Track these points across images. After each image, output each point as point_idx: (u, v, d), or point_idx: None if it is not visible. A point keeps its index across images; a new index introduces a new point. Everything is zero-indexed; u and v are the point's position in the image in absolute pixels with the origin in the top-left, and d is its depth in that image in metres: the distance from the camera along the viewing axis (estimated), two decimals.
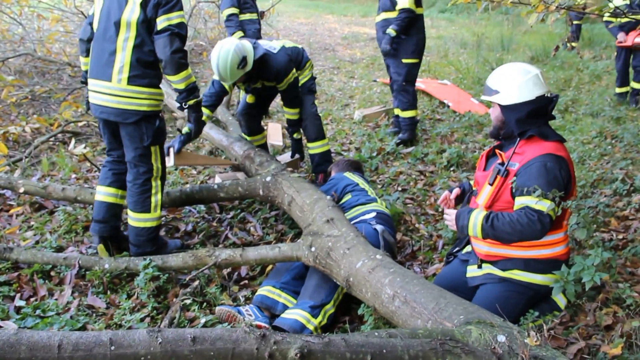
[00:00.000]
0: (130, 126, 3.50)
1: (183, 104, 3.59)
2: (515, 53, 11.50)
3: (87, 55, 3.66)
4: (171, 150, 4.05)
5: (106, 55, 3.44)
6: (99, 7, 3.52)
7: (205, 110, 4.19)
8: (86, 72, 3.70)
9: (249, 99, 4.75)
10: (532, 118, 2.80)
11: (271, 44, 4.55)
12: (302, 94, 4.75)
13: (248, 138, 4.90)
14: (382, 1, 5.87)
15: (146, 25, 3.37)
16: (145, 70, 3.44)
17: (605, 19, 6.73)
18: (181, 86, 3.50)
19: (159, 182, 3.69)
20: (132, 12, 3.35)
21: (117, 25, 3.38)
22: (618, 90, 7.45)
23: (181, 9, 3.43)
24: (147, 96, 3.48)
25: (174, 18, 3.36)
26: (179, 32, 3.38)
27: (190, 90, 3.55)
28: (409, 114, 6.02)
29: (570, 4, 3.08)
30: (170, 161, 4.10)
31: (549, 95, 2.79)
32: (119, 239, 3.80)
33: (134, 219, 3.64)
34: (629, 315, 2.78)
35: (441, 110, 7.48)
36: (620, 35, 7.08)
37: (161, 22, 3.33)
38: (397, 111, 6.18)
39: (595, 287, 2.86)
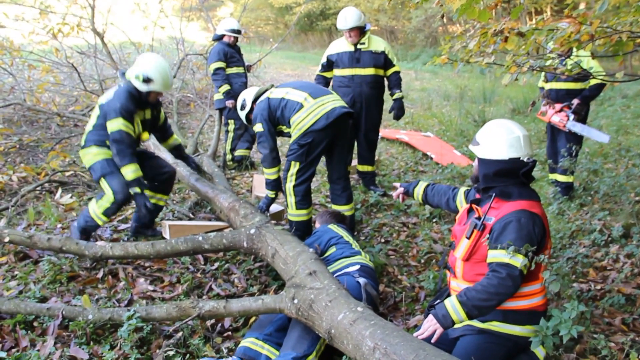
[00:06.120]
0: None
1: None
2: (497, 105, 11.76)
3: None
4: (166, 224, 4.64)
5: None
6: None
7: None
8: None
9: None
10: (500, 177, 2.90)
11: None
12: None
13: None
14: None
15: None
16: None
17: (540, 84, 5.99)
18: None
19: None
20: None
21: None
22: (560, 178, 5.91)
23: (117, 117, 4.35)
24: None
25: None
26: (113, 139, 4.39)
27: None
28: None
29: (542, 65, 3.22)
30: (166, 236, 4.67)
31: (525, 159, 2.89)
32: None
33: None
34: None
35: (424, 162, 7.62)
36: (543, 103, 5.62)
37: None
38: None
39: (573, 339, 2.91)
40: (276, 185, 4.75)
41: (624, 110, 10.44)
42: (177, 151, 5.20)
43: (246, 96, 4.93)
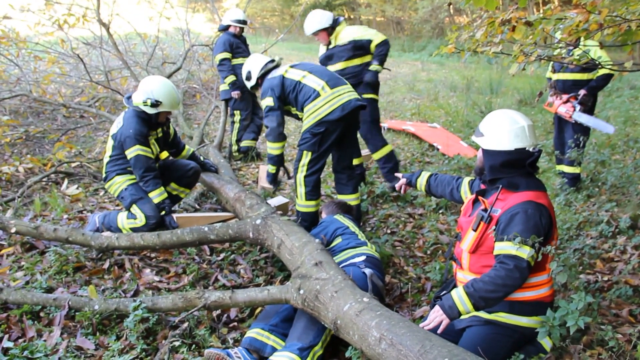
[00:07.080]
0: None
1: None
2: (504, 96, 11.69)
3: None
4: (172, 216, 4.64)
5: None
6: None
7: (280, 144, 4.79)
8: None
9: None
10: (506, 168, 2.87)
11: None
12: None
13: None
14: None
15: None
16: None
17: (547, 75, 5.64)
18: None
19: None
20: None
21: None
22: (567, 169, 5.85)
23: (134, 144, 4.47)
24: None
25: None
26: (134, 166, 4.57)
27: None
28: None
29: (550, 54, 3.19)
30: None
31: (531, 149, 2.86)
32: None
33: None
34: (612, 357, 2.83)
35: (430, 153, 7.59)
36: (550, 94, 5.52)
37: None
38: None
39: (580, 330, 2.90)
40: (278, 161, 4.79)
41: (632, 102, 10.36)
42: (193, 159, 5.22)
43: (252, 68, 4.88)
